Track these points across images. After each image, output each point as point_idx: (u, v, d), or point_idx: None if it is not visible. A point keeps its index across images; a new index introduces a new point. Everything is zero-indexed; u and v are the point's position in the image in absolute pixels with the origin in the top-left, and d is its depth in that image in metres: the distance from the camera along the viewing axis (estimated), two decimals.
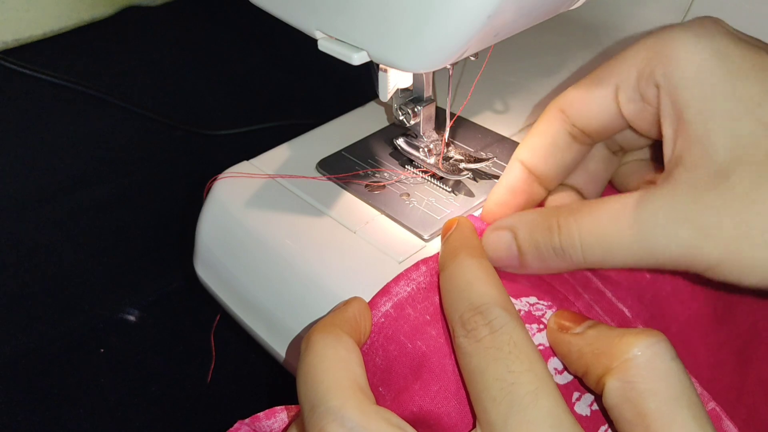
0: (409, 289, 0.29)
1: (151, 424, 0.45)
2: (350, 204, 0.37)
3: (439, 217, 0.35)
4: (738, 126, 0.23)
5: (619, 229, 0.25)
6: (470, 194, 0.36)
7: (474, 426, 0.24)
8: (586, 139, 0.30)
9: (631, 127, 0.29)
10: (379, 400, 0.27)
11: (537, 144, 0.30)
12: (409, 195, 0.37)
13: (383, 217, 0.36)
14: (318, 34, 0.31)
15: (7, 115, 0.68)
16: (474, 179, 0.37)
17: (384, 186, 0.37)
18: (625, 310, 0.29)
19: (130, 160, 0.65)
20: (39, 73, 0.70)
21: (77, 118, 0.69)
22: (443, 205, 0.36)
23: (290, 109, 0.72)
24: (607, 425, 0.25)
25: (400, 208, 0.36)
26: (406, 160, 0.39)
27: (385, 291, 0.29)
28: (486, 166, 0.38)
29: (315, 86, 0.74)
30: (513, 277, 0.29)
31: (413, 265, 0.30)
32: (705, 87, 0.24)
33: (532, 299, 0.28)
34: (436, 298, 0.29)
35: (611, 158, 0.32)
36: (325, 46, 0.30)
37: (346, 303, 0.28)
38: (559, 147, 0.30)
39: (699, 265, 0.24)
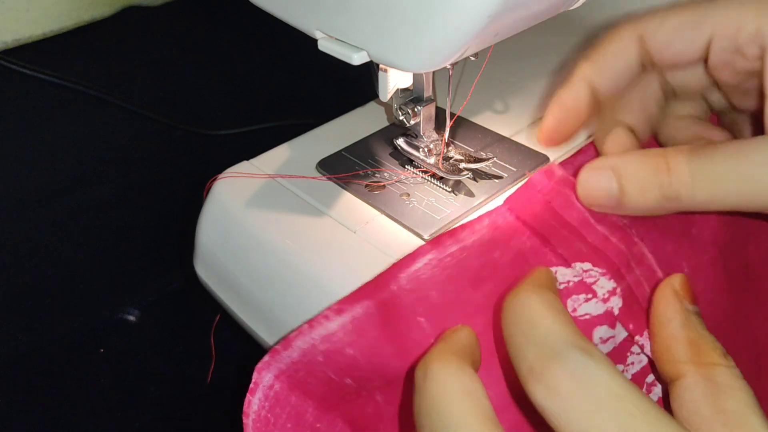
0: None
1: (151, 424, 0.45)
2: (350, 204, 0.37)
3: (439, 217, 0.35)
4: None
5: (739, 165, 0.25)
6: (470, 194, 0.36)
7: None
8: (655, 69, 0.30)
9: (707, 73, 0.30)
10: (418, 329, 0.27)
11: (608, 67, 0.30)
12: (409, 195, 0.37)
13: (383, 217, 0.36)
14: (318, 34, 0.31)
15: (7, 115, 0.68)
16: (474, 179, 0.37)
17: (384, 186, 0.37)
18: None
19: (130, 160, 0.65)
20: (39, 73, 0.70)
21: (77, 118, 0.68)
22: (443, 205, 0.36)
23: (290, 109, 0.72)
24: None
25: (400, 208, 0.36)
26: (406, 160, 0.39)
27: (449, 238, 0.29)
28: (486, 166, 0.38)
29: (315, 86, 0.74)
30: (570, 241, 0.29)
31: (409, 256, 0.30)
32: None
33: (587, 265, 0.28)
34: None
35: (663, 103, 0.33)
36: (325, 46, 0.30)
37: (455, 330, 0.27)
38: (629, 72, 0.30)
39: None
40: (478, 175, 0.38)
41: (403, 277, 0.28)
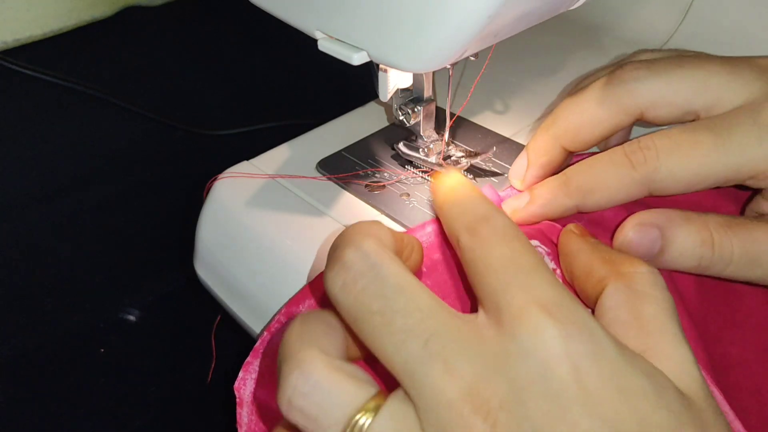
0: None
1: (151, 424, 0.45)
2: (350, 204, 0.37)
3: None
4: None
5: None
6: None
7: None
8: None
9: None
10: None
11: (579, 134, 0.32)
12: (409, 195, 0.37)
13: (383, 217, 0.36)
14: (318, 34, 0.31)
15: (7, 115, 0.68)
16: (473, 178, 0.37)
17: (384, 186, 0.37)
18: None
19: (130, 160, 0.65)
20: (39, 73, 0.70)
21: (77, 118, 0.68)
22: None
23: (290, 109, 0.72)
24: None
25: (400, 208, 0.36)
26: (406, 160, 0.39)
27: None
28: (486, 158, 0.38)
29: (315, 86, 0.74)
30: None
31: (419, 225, 0.31)
32: None
33: (534, 242, 0.29)
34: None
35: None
36: (325, 46, 0.31)
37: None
38: (601, 136, 0.32)
39: None
40: (476, 173, 0.38)
41: None
